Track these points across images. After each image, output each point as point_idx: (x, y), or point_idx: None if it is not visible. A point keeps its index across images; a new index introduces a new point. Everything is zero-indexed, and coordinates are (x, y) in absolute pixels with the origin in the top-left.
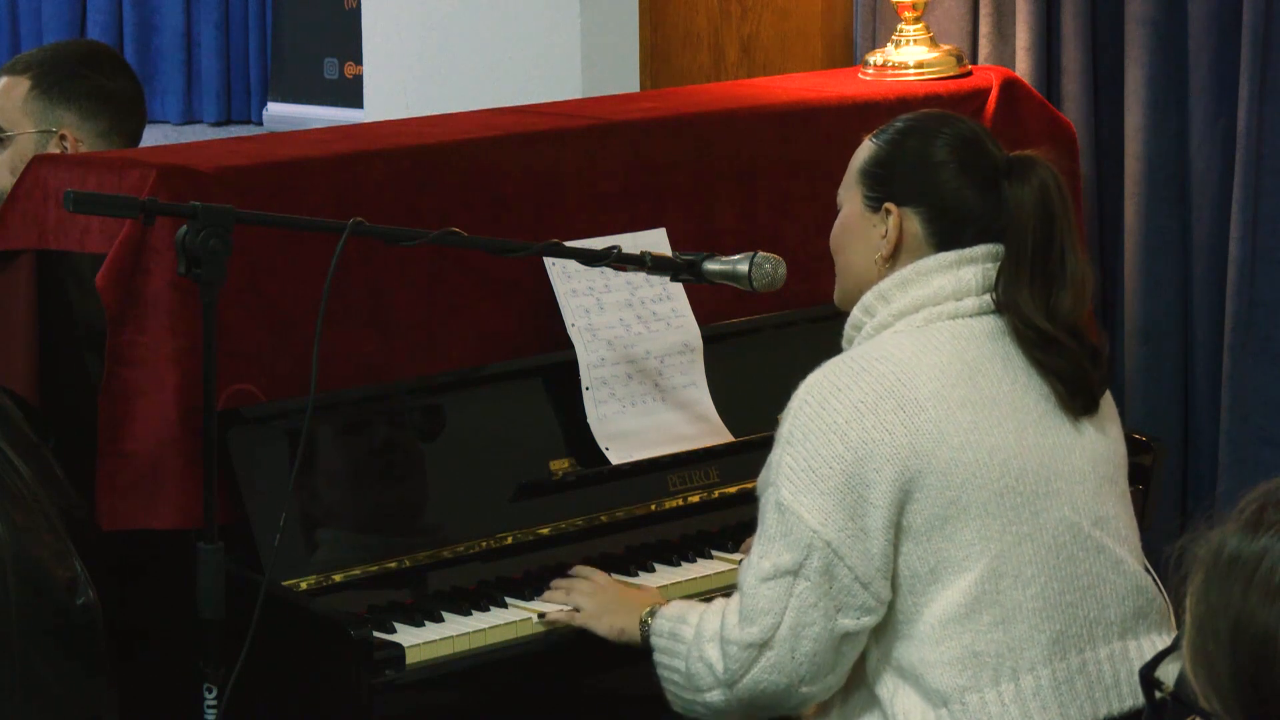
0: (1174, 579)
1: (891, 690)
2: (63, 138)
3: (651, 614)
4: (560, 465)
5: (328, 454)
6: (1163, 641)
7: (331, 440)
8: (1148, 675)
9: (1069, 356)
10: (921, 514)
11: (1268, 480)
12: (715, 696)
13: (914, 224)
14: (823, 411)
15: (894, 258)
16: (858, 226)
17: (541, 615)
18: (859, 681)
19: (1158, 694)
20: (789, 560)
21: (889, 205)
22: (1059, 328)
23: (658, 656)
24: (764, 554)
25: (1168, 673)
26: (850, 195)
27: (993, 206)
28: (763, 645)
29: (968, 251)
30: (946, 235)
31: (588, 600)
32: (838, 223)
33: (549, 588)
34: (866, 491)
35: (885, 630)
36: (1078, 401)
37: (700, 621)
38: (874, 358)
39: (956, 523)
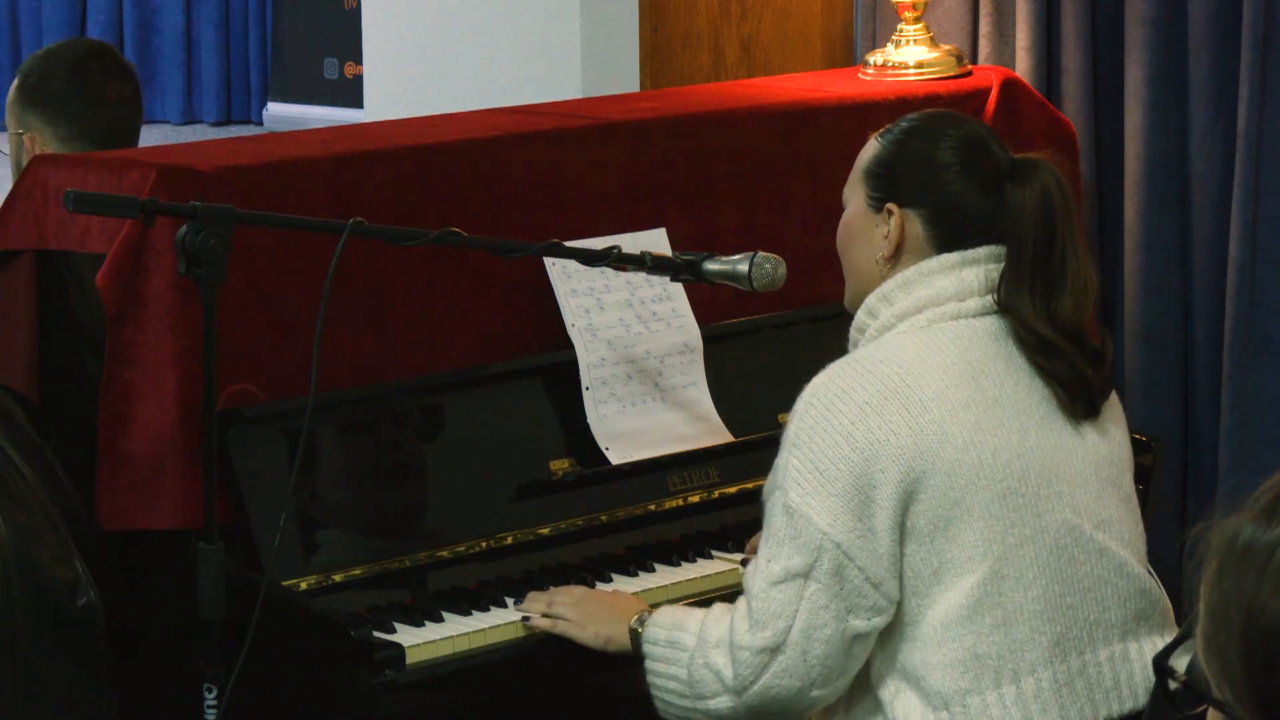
0: (1188, 566)
1: (893, 693)
2: (26, 140)
3: (641, 621)
4: (560, 465)
5: (328, 454)
6: (1164, 643)
7: (331, 440)
8: (1161, 664)
9: (1069, 361)
10: (925, 515)
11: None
12: (721, 703)
13: (915, 225)
14: (829, 414)
15: (895, 258)
16: (860, 226)
17: (526, 619)
18: (862, 684)
19: (1171, 683)
20: (799, 563)
21: (890, 206)
22: (1059, 332)
23: (652, 664)
24: (773, 558)
25: (1181, 663)
26: (854, 195)
27: (995, 209)
28: (775, 650)
29: (970, 253)
30: (948, 237)
31: (570, 610)
32: (841, 222)
33: (527, 598)
34: (873, 492)
35: (888, 632)
36: (1078, 406)
37: (703, 628)
38: (878, 359)
39: (959, 524)
